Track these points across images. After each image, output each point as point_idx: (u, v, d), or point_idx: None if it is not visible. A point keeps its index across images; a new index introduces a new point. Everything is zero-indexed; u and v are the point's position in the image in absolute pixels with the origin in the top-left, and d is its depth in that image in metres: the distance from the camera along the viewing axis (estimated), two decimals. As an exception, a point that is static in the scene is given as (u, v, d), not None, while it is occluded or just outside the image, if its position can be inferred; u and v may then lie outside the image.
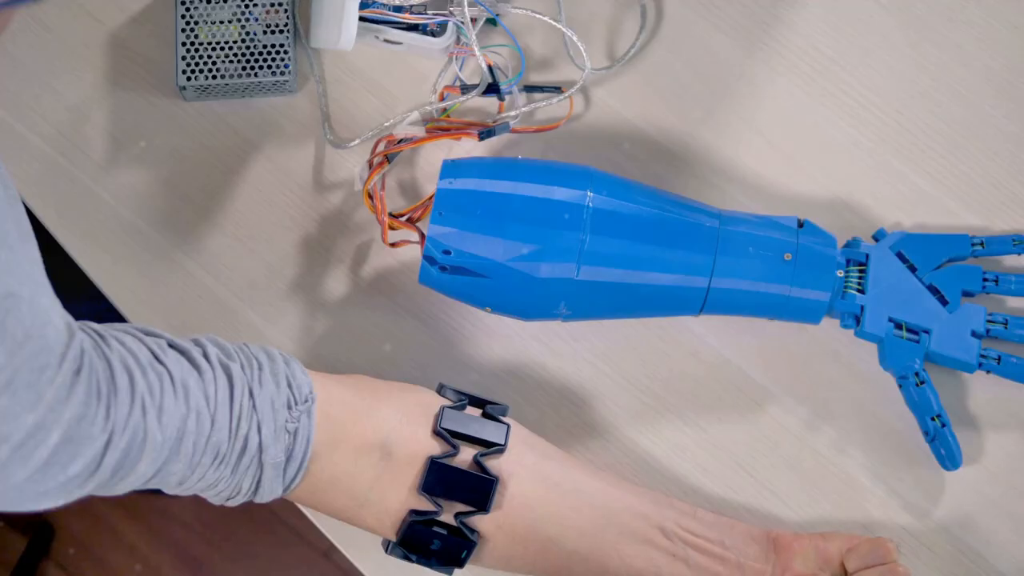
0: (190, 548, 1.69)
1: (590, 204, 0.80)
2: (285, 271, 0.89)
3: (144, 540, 1.69)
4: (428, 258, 0.80)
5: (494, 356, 0.88)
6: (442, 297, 0.86)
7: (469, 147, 0.90)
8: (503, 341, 0.88)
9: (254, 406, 0.71)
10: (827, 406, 0.87)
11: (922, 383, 0.83)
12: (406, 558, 0.77)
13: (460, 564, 0.77)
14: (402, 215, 0.85)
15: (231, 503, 0.75)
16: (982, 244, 0.86)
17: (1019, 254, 0.87)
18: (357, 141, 0.89)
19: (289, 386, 0.73)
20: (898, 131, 0.91)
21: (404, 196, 0.90)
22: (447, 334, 0.88)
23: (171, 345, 0.71)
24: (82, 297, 0.85)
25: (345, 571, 1.48)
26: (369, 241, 0.89)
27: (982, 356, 0.84)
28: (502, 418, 0.79)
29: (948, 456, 0.83)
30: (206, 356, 0.71)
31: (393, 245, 0.86)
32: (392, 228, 0.85)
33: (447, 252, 0.79)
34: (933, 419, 0.83)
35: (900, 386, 0.84)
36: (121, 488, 0.69)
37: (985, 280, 0.85)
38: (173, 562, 1.69)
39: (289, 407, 0.73)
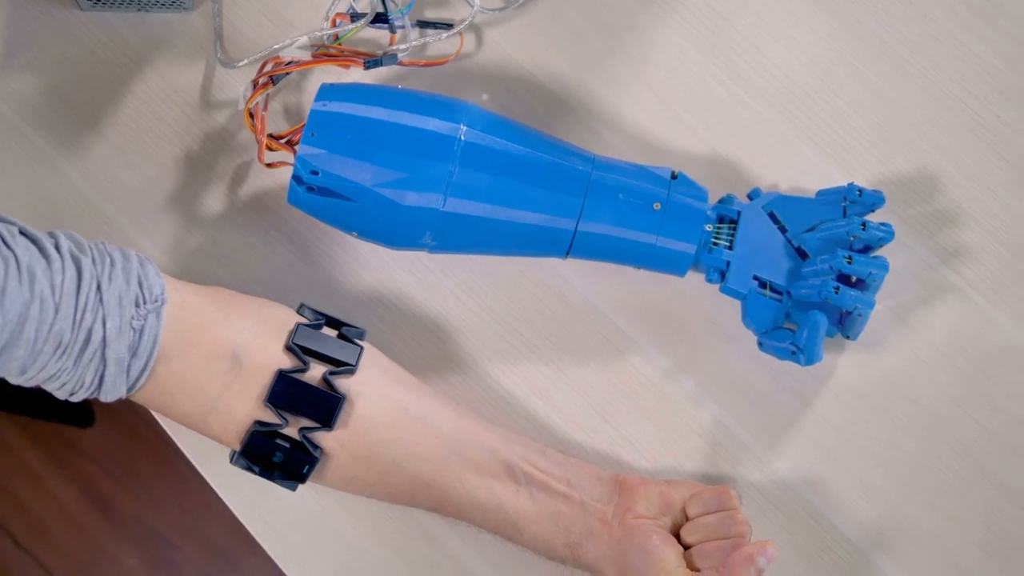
0: (96, 483, 1.69)
1: (463, 137, 0.80)
2: (164, 184, 0.89)
3: (49, 471, 1.69)
4: (296, 177, 0.80)
5: (362, 283, 0.88)
6: (316, 222, 0.86)
7: (357, 76, 0.90)
8: (372, 270, 0.88)
9: (101, 300, 0.72)
10: (688, 359, 0.88)
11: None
12: (249, 469, 0.78)
13: (302, 479, 0.78)
14: (281, 137, 0.85)
15: (74, 398, 0.75)
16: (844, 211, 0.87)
17: (872, 211, 0.86)
18: (245, 61, 0.89)
19: (140, 285, 0.74)
20: (785, 95, 0.91)
21: (289, 121, 0.91)
22: (317, 258, 0.88)
23: (22, 232, 0.71)
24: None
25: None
26: (249, 161, 0.90)
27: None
28: (358, 341, 0.80)
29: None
30: (57, 247, 0.72)
31: (270, 165, 0.86)
32: (270, 149, 0.85)
33: (315, 172, 0.79)
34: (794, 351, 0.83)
35: (760, 344, 0.85)
36: None
37: (852, 248, 0.86)
38: (78, 495, 1.69)
39: (137, 304, 0.73)
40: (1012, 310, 0.88)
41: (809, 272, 0.83)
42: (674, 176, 0.85)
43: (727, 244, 0.84)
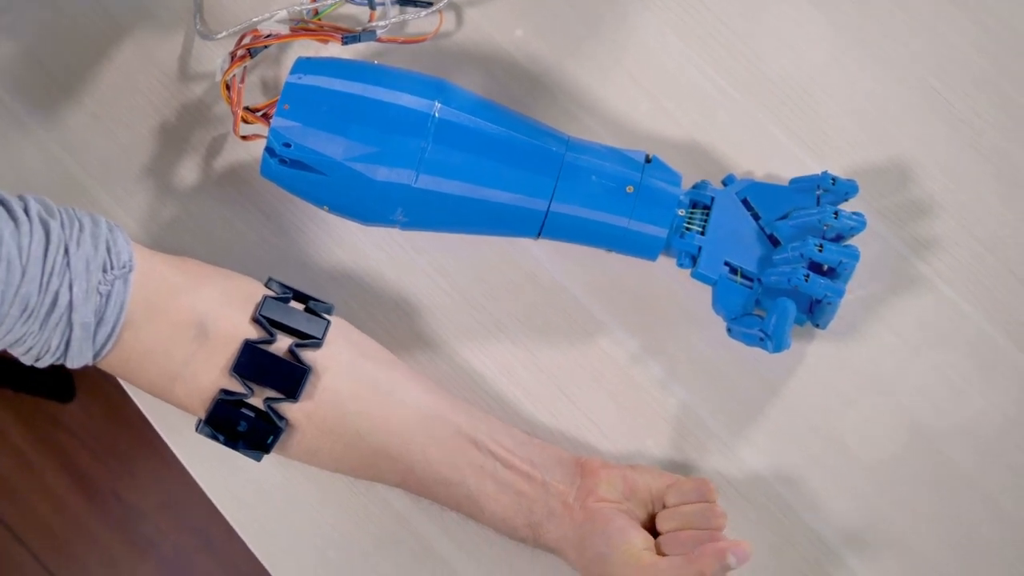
0: (75, 458, 1.69)
1: (437, 114, 0.80)
2: (139, 154, 0.89)
3: (29, 444, 1.69)
4: (269, 150, 0.80)
5: (334, 259, 0.88)
6: (290, 196, 0.86)
7: (336, 52, 0.90)
8: (345, 246, 0.88)
9: (68, 264, 0.72)
10: (656, 343, 0.88)
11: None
12: (214, 438, 0.78)
13: (266, 449, 0.78)
14: (258, 110, 0.85)
15: (40, 363, 0.75)
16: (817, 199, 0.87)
17: (845, 200, 0.86)
18: (224, 33, 0.89)
19: (108, 251, 0.74)
20: (762, 81, 0.91)
21: (267, 94, 0.91)
22: (290, 233, 0.88)
23: None
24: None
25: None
26: (225, 134, 0.90)
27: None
28: (325, 315, 0.80)
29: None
30: (26, 210, 0.72)
31: (245, 138, 0.86)
32: (246, 121, 0.85)
33: (287, 145, 0.79)
34: (763, 337, 0.83)
35: (729, 331, 0.85)
36: None
37: (824, 236, 0.86)
38: (57, 470, 1.69)
39: (104, 270, 0.73)
40: (982, 303, 0.88)
41: (780, 259, 0.83)
42: (648, 160, 0.84)
43: (699, 229, 0.84)
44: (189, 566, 1.68)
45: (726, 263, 0.84)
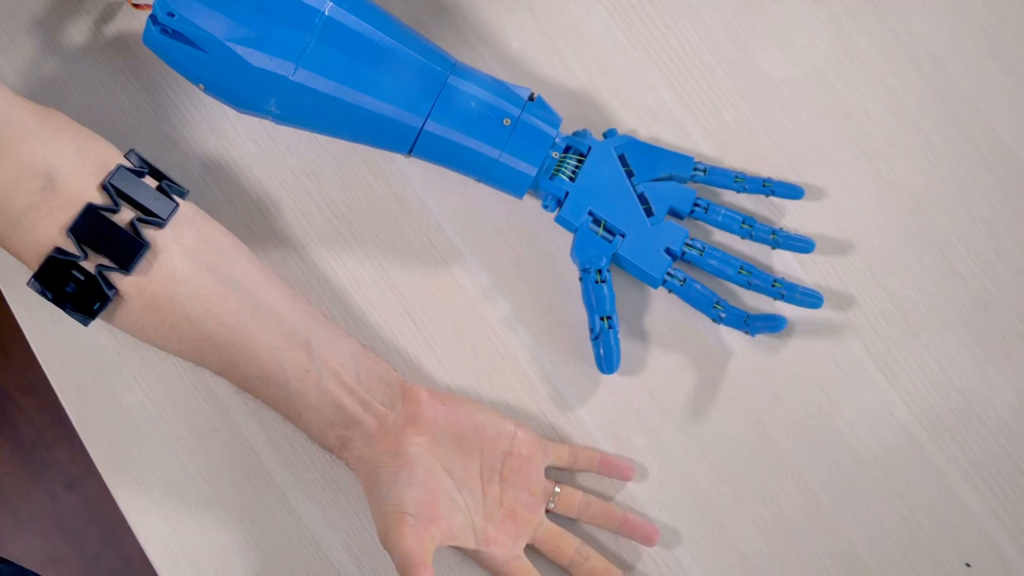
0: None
1: (327, 12, 0.80)
2: (30, 6, 0.88)
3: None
4: (153, 17, 0.80)
5: (206, 144, 0.88)
6: (173, 74, 0.86)
7: (244, -61, 0.89)
8: (219, 133, 0.88)
9: None
10: (509, 282, 0.87)
11: (602, 281, 0.84)
12: (42, 294, 0.77)
13: (92, 314, 0.77)
14: (154, -20, 0.85)
15: None
16: (704, 171, 0.87)
17: (737, 192, 0.87)
18: (135, -101, 0.89)
19: (-37, 86, 0.73)
20: (662, 44, 0.91)
21: (169, -31, 0.90)
22: (167, 109, 0.88)
23: None
24: None
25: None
26: (121, 1, 0.89)
27: (669, 274, 0.85)
28: (176, 197, 0.79)
29: (606, 358, 0.84)
30: None
31: (136, 6, 0.85)
32: (140, -10, 0.84)
33: (171, 15, 0.79)
34: (602, 319, 0.84)
35: (580, 279, 0.85)
36: None
37: (696, 205, 0.86)
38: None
39: (-45, 103, 0.72)
40: (841, 300, 0.88)
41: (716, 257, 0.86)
42: (532, 98, 0.84)
43: (570, 175, 0.84)
44: (47, 453, 1.67)
45: (590, 213, 0.84)
